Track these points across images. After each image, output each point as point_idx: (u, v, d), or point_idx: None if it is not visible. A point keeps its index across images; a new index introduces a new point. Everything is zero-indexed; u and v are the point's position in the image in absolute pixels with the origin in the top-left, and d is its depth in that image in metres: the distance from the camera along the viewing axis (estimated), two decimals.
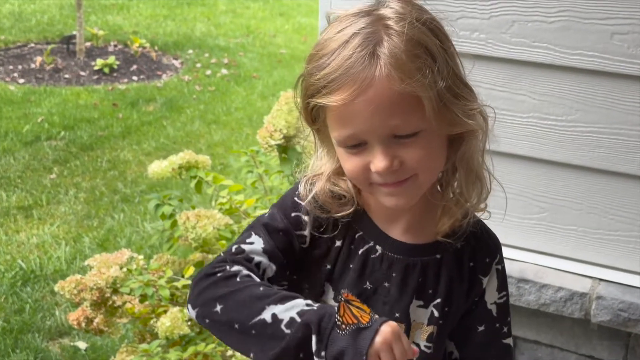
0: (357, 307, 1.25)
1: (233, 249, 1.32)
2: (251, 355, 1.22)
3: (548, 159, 2.16)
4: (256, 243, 1.33)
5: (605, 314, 2.11)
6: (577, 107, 2.11)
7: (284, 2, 9.16)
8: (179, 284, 2.73)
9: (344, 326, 1.17)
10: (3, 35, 7.51)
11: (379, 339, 1.13)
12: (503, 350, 1.44)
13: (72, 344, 3.31)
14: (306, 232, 1.36)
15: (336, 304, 1.24)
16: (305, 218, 1.37)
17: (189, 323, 2.59)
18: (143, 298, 2.66)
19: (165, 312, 2.62)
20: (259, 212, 2.71)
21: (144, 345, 2.66)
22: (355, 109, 1.19)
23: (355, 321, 1.23)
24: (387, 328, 1.14)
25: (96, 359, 3.12)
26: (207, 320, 1.25)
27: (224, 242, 2.67)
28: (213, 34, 7.94)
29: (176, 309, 2.61)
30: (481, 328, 1.42)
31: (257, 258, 1.31)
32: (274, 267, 1.32)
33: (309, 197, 1.36)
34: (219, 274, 1.27)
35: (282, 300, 1.21)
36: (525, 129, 2.16)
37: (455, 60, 1.27)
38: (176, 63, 7.16)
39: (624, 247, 2.16)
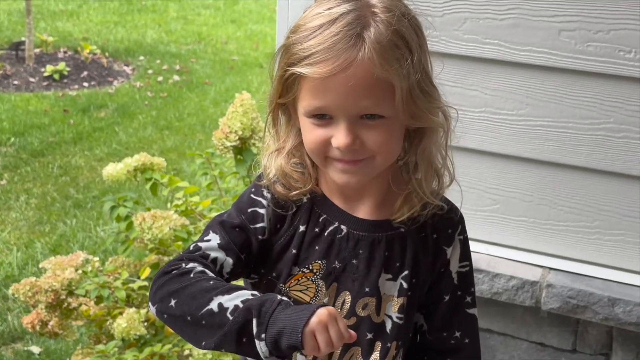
0: (306, 285, 1.33)
1: (191, 248, 1.35)
2: (202, 344, 1.23)
3: (500, 152, 2.18)
4: (212, 240, 1.35)
5: (554, 302, 2.14)
6: (527, 101, 2.13)
7: (236, 9, 9.16)
8: (134, 286, 2.72)
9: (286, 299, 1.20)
10: None
11: (314, 319, 1.14)
12: (467, 320, 1.46)
13: (25, 348, 3.28)
14: (264, 224, 1.38)
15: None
16: (262, 211, 1.39)
17: (145, 324, 2.59)
18: (99, 300, 2.64)
19: (121, 313, 2.61)
20: (214, 213, 2.71)
21: (100, 346, 2.64)
22: (332, 83, 1.22)
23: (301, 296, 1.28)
24: (324, 310, 1.16)
25: None
26: (165, 316, 1.27)
27: (180, 242, 2.66)
28: (164, 40, 7.91)
29: (132, 310, 2.60)
30: (446, 297, 1.44)
31: (213, 254, 1.33)
32: (230, 261, 1.34)
33: (272, 169, 1.38)
34: (174, 271, 1.29)
35: (229, 291, 1.22)
36: (477, 124, 2.18)
37: (427, 60, 1.31)
38: (127, 69, 7.11)
39: (573, 237, 2.19)
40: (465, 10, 2.11)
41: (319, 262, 1.37)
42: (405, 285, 1.39)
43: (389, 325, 1.40)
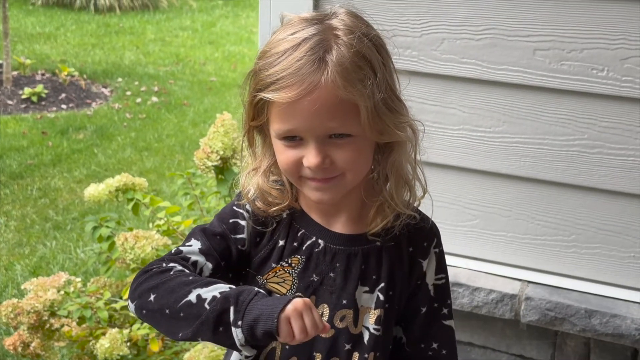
0: (284, 277, 1.36)
1: (172, 251, 1.36)
2: (180, 335, 1.24)
3: (478, 168, 2.20)
4: (194, 245, 1.37)
5: (533, 314, 2.16)
6: (503, 119, 2.15)
7: (213, 31, 9.18)
8: (117, 306, 2.72)
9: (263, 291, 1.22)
10: None
11: (290, 306, 1.16)
12: (444, 331, 1.47)
13: None
14: (244, 235, 1.40)
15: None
16: (243, 223, 1.40)
17: (128, 344, 2.60)
18: (81, 320, 2.65)
19: (103, 334, 2.61)
20: None
21: None
22: (299, 107, 1.24)
23: (277, 288, 1.32)
24: (300, 300, 1.17)
25: None
26: (143, 311, 1.28)
27: None
28: (142, 62, 7.91)
29: (115, 330, 2.61)
30: (423, 309, 1.45)
31: (193, 257, 1.34)
32: (210, 266, 1.35)
33: (251, 188, 1.40)
34: (154, 269, 1.30)
35: (207, 284, 1.24)
36: (456, 141, 2.19)
37: (392, 76, 1.33)
38: (106, 91, 7.10)
39: (550, 250, 2.21)
40: (443, 31, 2.14)
41: (298, 257, 1.39)
42: (382, 297, 1.40)
43: (366, 337, 1.40)
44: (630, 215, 2.13)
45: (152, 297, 1.26)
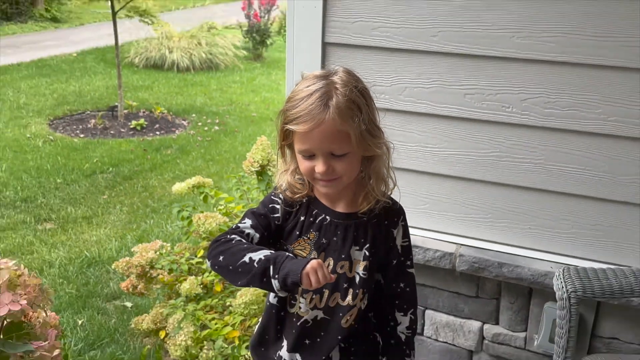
0: (304, 246, 1.37)
1: (233, 227, 1.37)
2: (238, 283, 1.25)
3: (429, 171, 2.20)
4: (247, 222, 1.37)
5: (464, 265, 2.16)
6: (445, 139, 2.14)
7: (254, 83, 9.13)
8: (193, 262, 2.78)
9: (292, 255, 1.23)
10: (69, 106, 7.40)
11: (308, 265, 1.16)
12: (407, 275, 1.47)
13: (121, 304, 3.31)
14: (279, 214, 1.39)
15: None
16: (278, 206, 1.40)
17: (201, 286, 2.63)
18: (170, 271, 2.72)
19: (184, 279, 2.66)
20: None
21: (172, 301, 2.68)
22: (311, 135, 1.26)
23: (301, 253, 1.32)
24: (314, 261, 1.17)
25: (138, 312, 3.11)
26: (216, 267, 1.28)
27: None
28: (208, 104, 7.90)
29: (192, 277, 2.66)
30: (394, 262, 1.44)
31: (247, 231, 1.35)
32: (257, 236, 1.35)
33: (283, 184, 1.40)
34: (222, 239, 1.31)
35: (256, 250, 1.25)
36: (414, 154, 2.20)
37: (374, 112, 1.33)
38: (184, 123, 7.10)
39: (476, 224, 2.20)
40: (405, 83, 2.15)
41: (314, 232, 1.39)
42: (367, 253, 1.40)
43: (357, 279, 1.40)
44: (527, 202, 2.13)
45: (221, 258, 1.27)
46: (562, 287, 1.78)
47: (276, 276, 1.19)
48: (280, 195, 1.41)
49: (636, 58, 1.86)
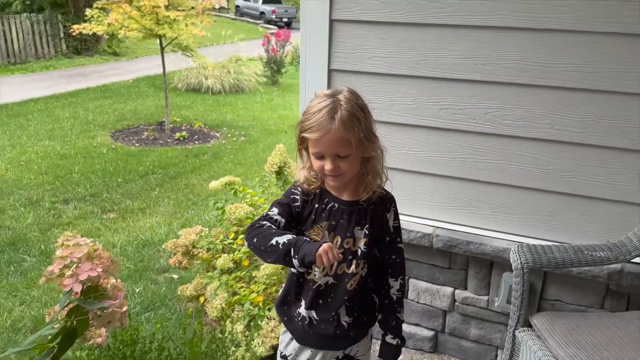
0: (318, 232, 1.35)
1: (264, 214, 1.34)
2: (268, 260, 1.22)
3: (412, 170, 2.18)
4: (274, 210, 1.35)
5: (440, 243, 2.15)
6: (425, 144, 2.14)
7: (272, 103, 9.11)
8: (226, 242, 2.76)
9: (309, 239, 1.21)
10: (127, 121, 7.40)
11: (320, 249, 1.14)
12: (398, 249, 1.44)
13: (169, 276, 3.32)
14: (299, 203, 1.37)
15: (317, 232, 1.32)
16: (297, 197, 1.37)
17: (232, 262, 2.62)
18: (208, 250, 2.71)
19: (219, 256, 2.67)
20: (266, 205, 2.75)
21: (209, 273, 2.67)
22: (321, 141, 1.24)
23: (316, 238, 1.31)
24: (326, 244, 1.15)
25: (182, 282, 3.12)
26: (252, 247, 1.26)
27: (249, 220, 2.70)
28: (236, 119, 7.88)
29: (225, 254, 2.65)
30: (387, 238, 1.42)
31: (275, 217, 1.33)
32: (283, 221, 1.33)
33: (301, 178, 1.38)
34: (256, 225, 1.29)
35: (282, 234, 1.22)
36: (401, 156, 2.20)
37: (371, 124, 1.30)
38: (218, 134, 7.07)
39: (449, 211, 2.20)
40: (393, 100, 2.15)
41: (325, 222, 1.37)
42: (367, 232, 1.37)
43: (359, 252, 1.37)
44: (489, 194, 2.13)
45: (255, 240, 1.25)
46: (517, 260, 1.79)
47: (296, 256, 1.18)
48: (299, 188, 1.40)
49: (574, 80, 1.88)
